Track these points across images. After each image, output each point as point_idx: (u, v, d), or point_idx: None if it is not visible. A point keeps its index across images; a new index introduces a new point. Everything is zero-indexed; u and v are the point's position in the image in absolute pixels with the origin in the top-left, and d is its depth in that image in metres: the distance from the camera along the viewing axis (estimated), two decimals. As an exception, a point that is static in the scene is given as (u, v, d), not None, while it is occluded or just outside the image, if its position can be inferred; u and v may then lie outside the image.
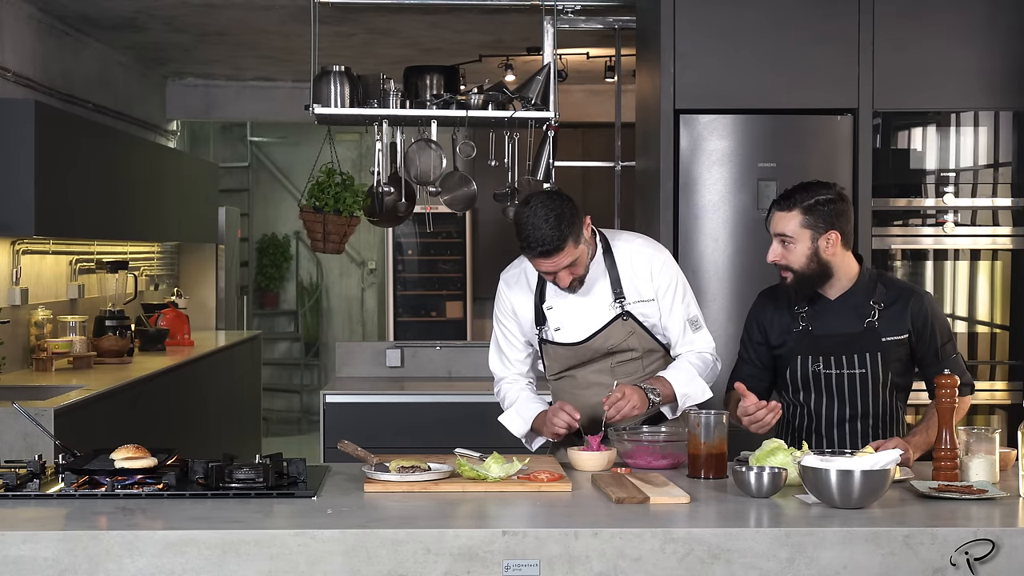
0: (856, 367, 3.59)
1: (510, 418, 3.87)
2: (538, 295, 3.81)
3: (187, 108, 9.89)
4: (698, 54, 5.21)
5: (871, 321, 3.59)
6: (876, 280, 3.66)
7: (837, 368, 3.61)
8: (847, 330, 3.61)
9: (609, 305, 3.75)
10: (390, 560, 2.72)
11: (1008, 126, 5.38)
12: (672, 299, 3.78)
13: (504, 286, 3.89)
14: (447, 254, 9.87)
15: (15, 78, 6.54)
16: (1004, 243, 5.37)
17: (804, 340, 3.64)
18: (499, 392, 3.96)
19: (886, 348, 3.58)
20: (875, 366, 3.58)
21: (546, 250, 3.55)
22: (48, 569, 2.69)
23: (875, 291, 3.62)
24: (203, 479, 3.19)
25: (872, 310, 3.60)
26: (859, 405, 3.62)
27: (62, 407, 5.19)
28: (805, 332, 3.64)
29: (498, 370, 3.96)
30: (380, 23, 7.33)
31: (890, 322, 3.59)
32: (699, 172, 5.23)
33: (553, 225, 3.52)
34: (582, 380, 3.82)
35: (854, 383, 3.61)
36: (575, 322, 3.77)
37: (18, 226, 5.80)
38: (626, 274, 3.76)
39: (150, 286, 8.83)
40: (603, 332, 3.76)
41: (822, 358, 3.62)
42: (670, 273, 3.80)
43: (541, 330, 3.82)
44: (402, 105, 5.66)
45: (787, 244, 3.58)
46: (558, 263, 3.59)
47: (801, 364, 3.64)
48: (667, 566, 2.74)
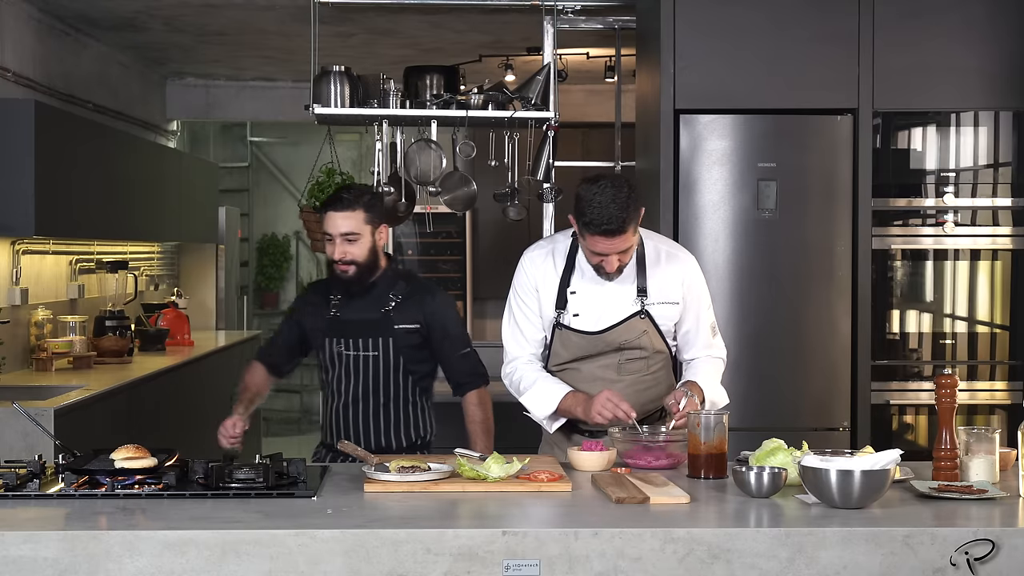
0: (370, 350, 4.05)
1: (533, 399, 3.81)
2: (564, 278, 3.81)
3: (187, 108, 9.90)
4: (698, 54, 5.21)
5: (387, 310, 4.03)
6: (398, 276, 4.14)
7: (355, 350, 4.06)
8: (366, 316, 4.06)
9: (632, 300, 3.77)
10: (390, 560, 2.72)
11: (1008, 126, 5.38)
12: (698, 305, 3.85)
13: (529, 263, 3.87)
14: (447, 254, 9.87)
15: (15, 78, 6.54)
16: (1004, 243, 5.37)
17: (333, 324, 4.07)
18: (513, 371, 3.88)
19: (398, 335, 4.04)
20: (387, 350, 4.04)
21: (610, 229, 3.57)
22: (48, 569, 2.69)
23: (395, 285, 4.08)
24: (203, 479, 3.19)
25: (390, 301, 4.05)
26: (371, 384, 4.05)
27: (62, 407, 5.20)
28: (334, 317, 4.08)
29: (513, 348, 3.90)
30: (380, 23, 7.33)
31: (404, 312, 4.06)
32: (699, 172, 5.23)
33: (622, 206, 3.56)
34: (587, 374, 3.81)
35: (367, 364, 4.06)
36: (595, 311, 3.78)
37: (18, 226, 5.80)
38: (654, 274, 3.79)
39: (150, 286, 8.83)
40: (621, 326, 3.77)
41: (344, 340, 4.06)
42: (699, 280, 3.88)
43: (560, 314, 3.81)
44: (402, 105, 5.66)
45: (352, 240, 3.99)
46: (616, 245, 3.61)
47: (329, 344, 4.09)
48: (667, 566, 2.74)
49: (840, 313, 5.23)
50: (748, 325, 5.19)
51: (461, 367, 4.12)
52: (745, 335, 5.19)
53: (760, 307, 5.22)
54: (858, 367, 5.24)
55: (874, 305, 5.28)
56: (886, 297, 5.42)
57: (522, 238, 5.22)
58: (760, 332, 5.21)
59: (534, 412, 3.83)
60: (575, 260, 3.81)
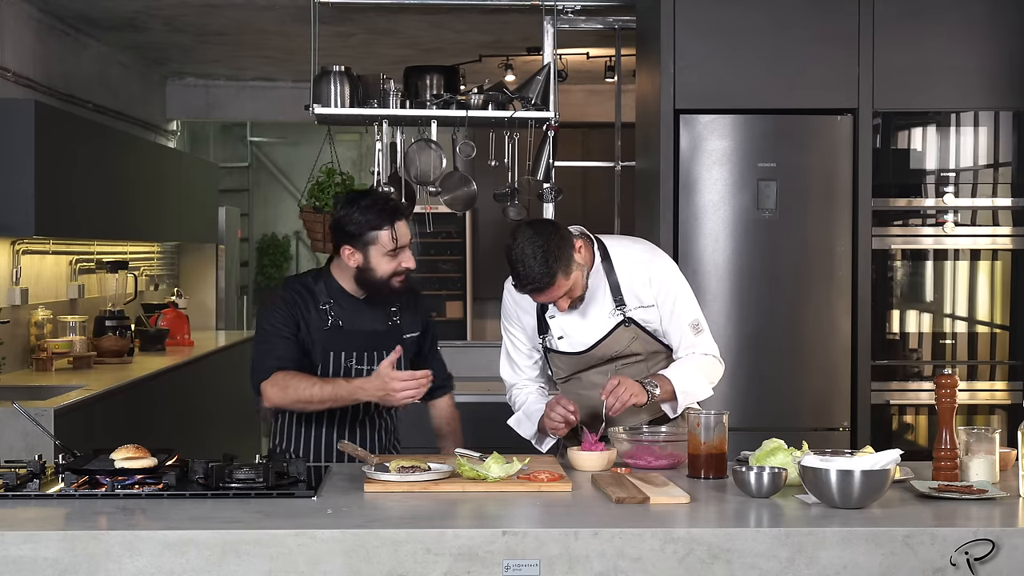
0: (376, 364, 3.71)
1: (518, 421, 3.90)
2: (540, 305, 3.80)
3: (187, 108, 9.89)
4: (698, 54, 5.21)
5: (395, 321, 3.81)
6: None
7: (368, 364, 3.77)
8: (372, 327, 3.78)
9: (610, 313, 3.74)
10: (390, 560, 2.72)
11: (1008, 126, 5.38)
12: (672, 304, 3.75)
13: (507, 293, 3.85)
14: (447, 254, 9.88)
15: (15, 78, 6.54)
16: (1004, 243, 5.37)
17: (336, 336, 3.74)
18: (511, 398, 3.97)
19: (406, 345, 3.81)
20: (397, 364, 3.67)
21: (537, 287, 3.56)
22: (48, 569, 2.69)
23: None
24: (203, 479, 3.18)
25: (392, 309, 3.81)
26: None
27: (62, 407, 5.19)
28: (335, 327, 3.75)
29: (508, 377, 3.96)
30: (380, 23, 7.33)
31: (408, 320, 3.85)
32: (699, 172, 5.23)
33: (541, 262, 3.51)
34: (587, 381, 3.82)
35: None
36: (578, 331, 3.77)
37: (18, 226, 5.79)
38: (625, 281, 3.74)
39: (150, 286, 8.82)
40: (606, 340, 3.75)
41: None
42: (669, 278, 3.78)
43: (544, 338, 3.82)
44: (402, 105, 5.67)
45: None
46: (551, 296, 3.61)
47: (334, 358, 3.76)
48: (667, 566, 2.74)
49: (840, 313, 5.23)
50: (748, 325, 5.19)
51: (441, 369, 4.01)
52: (745, 335, 5.19)
53: (760, 307, 5.22)
54: (858, 367, 5.24)
55: (874, 305, 5.28)
56: (886, 297, 5.42)
57: (522, 238, 5.21)
58: (760, 332, 5.21)
59: (521, 433, 3.91)
60: None
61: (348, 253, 3.69)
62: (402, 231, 3.69)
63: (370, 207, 3.67)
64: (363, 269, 3.68)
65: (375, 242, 3.66)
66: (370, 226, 3.65)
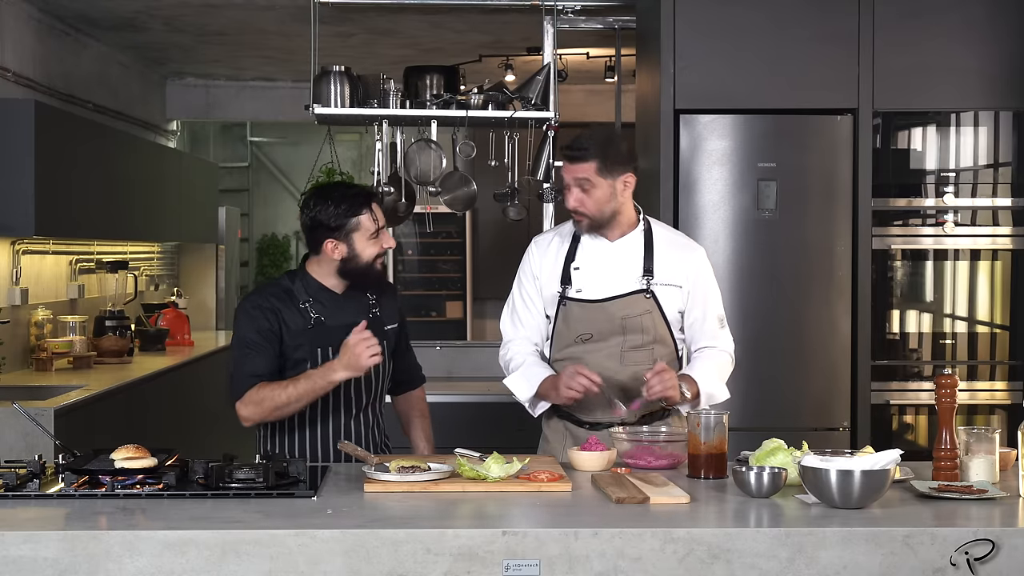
0: None
1: (515, 381, 3.87)
2: (569, 255, 3.87)
3: (187, 108, 9.90)
4: (698, 54, 5.21)
5: (376, 313, 3.77)
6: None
7: None
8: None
9: (637, 279, 3.82)
10: (390, 560, 2.72)
11: (1008, 126, 5.38)
12: (705, 293, 3.88)
13: (535, 247, 3.96)
14: (447, 254, 9.88)
15: (15, 78, 6.54)
16: (1004, 243, 5.37)
17: (318, 333, 3.67)
18: (506, 354, 3.94)
19: (388, 337, 3.78)
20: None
21: (570, 155, 3.76)
22: (48, 569, 2.69)
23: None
24: (203, 479, 3.18)
25: (370, 301, 3.78)
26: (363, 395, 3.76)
27: (62, 407, 5.19)
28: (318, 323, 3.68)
29: (508, 331, 3.96)
30: (380, 23, 7.33)
31: (386, 311, 3.81)
32: (699, 172, 5.23)
33: (593, 140, 3.73)
34: (591, 364, 3.80)
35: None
36: (599, 283, 3.83)
37: (18, 226, 5.80)
38: (660, 257, 3.84)
39: (150, 286, 8.83)
40: (624, 298, 3.80)
41: None
42: (706, 268, 3.92)
43: (564, 288, 3.85)
44: (402, 105, 5.67)
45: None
46: (574, 172, 3.75)
47: None
48: (667, 566, 2.74)
49: (840, 313, 5.23)
50: (748, 325, 5.19)
51: (412, 361, 4.01)
52: (745, 335, 5.18)
53: (760, 307, 5.22)
54: (858, 367, 5.24)
55: (874, 305, 5.28)
56: (886, 297, 5.42)
57: (522, 238, 5.21)
58: (760, 332, 5.21)
59: (516, 394, 3.88)
60: (579, 240, 3.88)
61: (331, 247, 3.65)
62: (379, 212, 3.71)
63: (344, 196, 3.66)
64: (348, 259, 3.66)
65: (357, 228, 3.64)
66: (350, 214, 3.64)
